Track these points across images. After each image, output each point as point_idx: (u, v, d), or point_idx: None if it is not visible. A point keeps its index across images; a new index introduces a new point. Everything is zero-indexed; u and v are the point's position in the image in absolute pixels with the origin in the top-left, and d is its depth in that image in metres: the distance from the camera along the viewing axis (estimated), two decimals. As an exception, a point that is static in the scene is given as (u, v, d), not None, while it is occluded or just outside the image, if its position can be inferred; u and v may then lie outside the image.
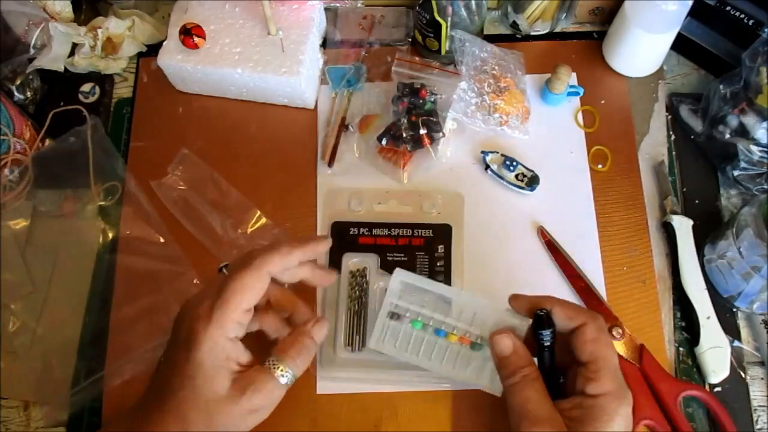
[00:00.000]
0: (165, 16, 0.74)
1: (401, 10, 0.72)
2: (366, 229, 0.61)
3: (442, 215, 0.62)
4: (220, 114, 0.68)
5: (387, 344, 0.51)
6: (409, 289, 0.51)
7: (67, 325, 0.60)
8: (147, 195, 0.64)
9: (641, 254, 0.60)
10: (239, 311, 0.44)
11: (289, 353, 0.46)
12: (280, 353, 0.46)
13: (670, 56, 0.68)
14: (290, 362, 0.46)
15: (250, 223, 0.63)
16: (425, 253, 0.60)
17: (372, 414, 0.55)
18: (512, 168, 0.63)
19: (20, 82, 0.69)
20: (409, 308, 0.51)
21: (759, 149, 0.58)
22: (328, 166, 0.65)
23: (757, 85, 0.57)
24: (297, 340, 0.47)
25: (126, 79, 0.72)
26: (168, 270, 0.61)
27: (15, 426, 0.57)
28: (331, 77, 0.69)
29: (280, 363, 0.45)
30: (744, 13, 0.61)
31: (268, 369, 0.45)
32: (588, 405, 0.43)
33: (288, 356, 0.46)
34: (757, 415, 0.55)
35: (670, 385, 0.54)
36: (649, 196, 0.63)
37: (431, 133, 0.63)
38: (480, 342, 0.49)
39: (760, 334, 0.57)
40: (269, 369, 0.45)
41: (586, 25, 0.72)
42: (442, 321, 0.50)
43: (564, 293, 0.59)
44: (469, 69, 0.64)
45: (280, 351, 0.46)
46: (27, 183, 0.65)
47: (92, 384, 0.57)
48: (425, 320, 0.51)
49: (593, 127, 0.66)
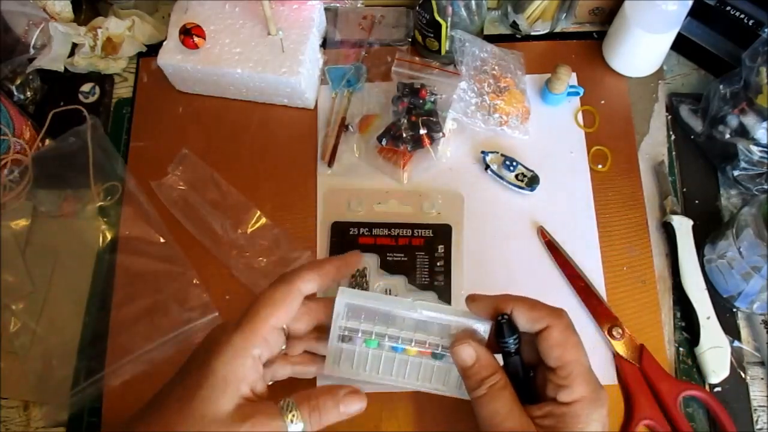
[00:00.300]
0: (165, 16, 0.74)
1: (401, 10, 0.72)
2: (366, 229, 0.61)
3: (442, 215, 0.62)
4: (220, 114, 0.68)
5: (343, 367, 0.48)
6: (359, 308, 0.47)
7: (67, 325, 0.60)
8: (147, 195, 0.64)
9: (641, 254, 0.60)
10: (268, 326, 0.41)
11: (309, 405, 0.41)
12: (300, 400, 0.41)
13: (670, 56, 0.68)
14: (306, 414, 0.41)
15: (250, 223, 0.63)
16: (425, 253, 0.60)
17: (372, 414, 0.55)
18: (512, 168, 0.63)
19: (20, 82, 0.69)
20: (360, 328, 0.47)
21: (759, 149, 0.58)
22: (328, 166, 0.65)
23: (757, 85, 0.57)
24: (323, 398, 0.42)
25: (126, 79, 0.72)
26: (168, 270, 0.61)
27: (15, 426, 0.57)
28: (331, 77, 0.69)
29: (295, 410, 0.40)
30: (744, 13, 0.61)
31: (280, 409, 0.40)
32: (560, 413, 0.41)
33: (306, 407, 0.41)
34: (757, 415, 0.55)
35: (670, 385, 0.54)
36: (649, 196, 0.63)
37: (431, 133, 0.63)
38: (441, 351, 0.47)
39: (760, 334, 0.57)
40: (281, 410, 0.40)
41: (586, 25, 0.72)
42: (397, 336, 0.47)
43: (564, 293, 0.59)
44: (469, 69, 0.64)
45: (301, 398, 0.41)
46: (27, 183, 0.65)
47: (92, 384, 0.57)
48: (379, 338, 0.47)
49: (593, 127, 0.66)
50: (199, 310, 0.59)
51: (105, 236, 0.63)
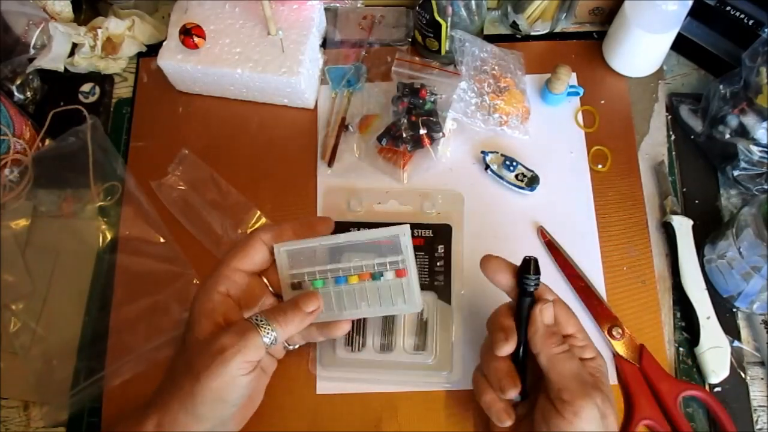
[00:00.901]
0: (165, 16, 0.74)
1: (401, 10, 0.72)
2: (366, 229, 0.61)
3: (442, 215, 0.62)
4: (220, 114, 0.68)
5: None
6: (297, 255, 0.51)
7: (67, 325, 0.60)
8: (147, 195, 0.64)
9: (641, 254, 0.60)
10: (229, 267, 0.49)
11: (276, 314, 0.46)
12: (268, 313, 0.46)
13: (670, 56, 0.68)
14: (276, 323, 0.45)
15: (250, 223, 0.63)
16: (425, 253, 0.60)
17: (372, 414, 0.55)
18: (512, 168, 0.63)
19: (20, 82, 0.69)
20: (305, 271, 0.51)
21: (759, 149, 0.58)
22: (328, 166, 0.65)
23: (757, 85, 0.57)
24: (287, 305, 0.47)
25: (126, 79, 0.72)
26: (168, 270, 0.61)
27: (15, 426, 0.57)
28: (331, 77, 0.69)
29: (266, 321, 0.45)
30: (744, 13, 0.61)
31: (250, 320, 0.45)
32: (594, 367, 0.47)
33: (274, 317, 0.45)
34: (757, 415, 0.55)
35: (670, 385, 0.54)
36: (649, 196, 0.63)
37: (431, 133, 0.63)
38: (377, 270, 0.50)
39: (760, 334, 0.57)
40: (251, 320, 0.45)
41: (586, 25, 0.72)
42: (337, 268, 0.51)
43: (564, 293, 0.59)
44: (469, 69, 0.64)
45: (268, 311, 0.46)
46: (27, 183, 0.65)
47: (92, 384, 0.57)
48: (323, 276, 0.51)
49: (593, 127, 0.66)
50: (199, 310, 0.59)
51: (105, 236, 0.63)
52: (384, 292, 0.51)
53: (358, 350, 0.56)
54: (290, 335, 0.47)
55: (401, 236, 0.49)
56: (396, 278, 0.50)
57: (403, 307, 0.51)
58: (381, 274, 0.50)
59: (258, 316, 0.45)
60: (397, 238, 0.49)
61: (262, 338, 0.44)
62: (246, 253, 0.50)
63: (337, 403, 0.56)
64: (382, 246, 0.50)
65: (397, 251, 0.50)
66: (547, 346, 0.46)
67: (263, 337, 0.44)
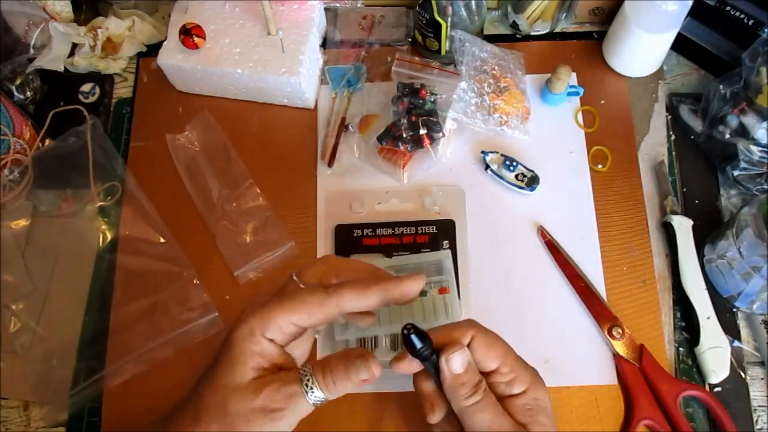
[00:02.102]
0: (165, 16, 0.74)
1: (401, 10, 0.72)
2: (370, 230, 0.61)
3: (444, 211, 0.62)
4: (220, 114, 0.68)
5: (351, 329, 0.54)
6: None
7: (67, 325, 0.60)
8: (147, 195, 0.64)
9: (641, 254, 0.60)
10: (285, 319, 0.42)
11: (323, 371, 0.41)
12: (318, 370, 0.41)
13: (670, 56, 0.68)
14: (324, 387, 0.41)
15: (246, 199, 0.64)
16: (431, 249, 0.60)
17: (372, 414, 0.55)
18: (512, 168, 0.63)
19: (20, 82, 0.69)
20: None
21: (759, 149, 0.58)
22: (328, 166, 0.65)
23: (757, 85, 0.57)
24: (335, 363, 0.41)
25: (126, 79, 0.72)
26: (168, 270, 0.61)
27: (15, 426, 0.57)
28: (331, 77, 0.69)
29: (312, 376, 0.41)
30: (744, 13, 0.61)
31: (299, 378, 0.41)
32: (523, 404, 0.42)
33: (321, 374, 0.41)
34: (757, 415, 0.55)
35: (670, 385, 0.54)
36: (649, 196, 0.63)
37: (431, 133, 0.63)
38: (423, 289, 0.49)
39: (760, 334, 0.57)
40: (300, 378, 0.41)
41: (586, 25, 0.72)
42: None
43: (564, 293, 0.59)
44: (469, 69, 0.64)
45: (319, 367, 0.41)
46: (27, 183, 0.65)
47: (92, 384, 0.57)
48: None
49: (593, 127, 0.66)
50: (199, 310, 0.59)
51: (105, 236, 0.63)
52: (428, 308, 0.54)
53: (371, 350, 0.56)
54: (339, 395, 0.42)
55: (444, 260, 0.56)
56: (439, 294, 0.55)
57: (445, 320, 0.54)
58: (425, 291, 0.54)
59: (307, 376, 0.41)
60: (441, 262, 0.56)
61: (308, 401, 0.41)
62: (314, 316, 0.42)
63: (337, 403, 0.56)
64: (424, 268, 0.56)
65: (441, 272, 0.56)
66: (456, 399, 0.41)
67: (309, 398, 0.41)
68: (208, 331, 0.59)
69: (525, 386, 0.43)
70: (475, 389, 0.41)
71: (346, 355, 0.42)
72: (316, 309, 0.42)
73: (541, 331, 0.58)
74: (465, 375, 0.41)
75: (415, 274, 0.44)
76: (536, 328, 0.58)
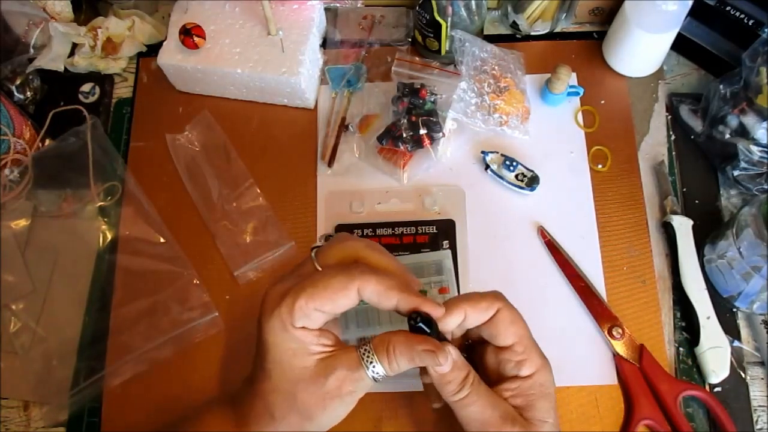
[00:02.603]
0: (165, 16, 0.74)
1: (401, 10, 0.72)
2: (370, 230, 0.61)
3: (444, 211, 0.62)
4: (220, 114, 0.68)
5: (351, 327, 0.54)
6: None
7: (67, 325, 0.60)
8: (147, 195, 0.64)
9: (641, 254, 0.60)
10: (310, 307, 0.41)
11: (389, 351, 0.41)
12: (380, 347, 0.41)
13: (670, 56, 0.68)
14: (384, 363, 0.41)
15: (246, 199, 0.63)
16: (431, 249, 0.60)
17: (372, 414, 0.55)
18: (512, 168, 0.63)
19: (20, 82, 0.69)
20: None
21: (759, 149, 0.58)
22: (328, 166, 0.65)
23: (757, 85, 0.57)
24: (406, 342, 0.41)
25: (126, 79, 0.72)
26: (168, 270, 0.61)
27: (15, 426, 0.57)
28: (331, 77, 0.69)
29: (374, 356, 0.41)
30: (744, 13, 0.61)
31: (359, 358, 0.41)
32: (527, 386, 0.43)
33: (384, 354, 0.41)
34: (757, 415, 0.55)
35: (670, 385, 0.54)
36: (649, 196, 0.63)
37: (431, 133, 0.63)
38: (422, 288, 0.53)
39: (760, 334, 0.57)
40: (360, 358, 0.41)
41: (586, 25, 0.72)
42: None
43: (564, 293, 0.59)
44: (469, 69, 0.64)
45: (380, 343, 0.41)
46: (27, 183, 0.65)
47: (92, 384, 0.57)
48: None
49: (593, 127, 0.66)
50: (199, 310, 0.59)
51: (105, 236, 0.63)
52: None
53: None
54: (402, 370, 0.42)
55: (444, 260, 0.57)
56: (439, 294, 0.55)
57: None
58: (425, 291, 0.54)
59: (367, 351, 0.41)
60: (441, 262, 0.56)
61: (366, 370, 0.41)
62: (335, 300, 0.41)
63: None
64: (424, 268, 0.56)
65: (441, 272, 0.56)
66: (444, 394, 0.42)
67: (368, 369, 0.41)
68: (208, 331, 0.59)
69: (533, 370, 0.43)
70: (461, 385, 0.42)
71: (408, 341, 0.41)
72: (340, 295, 0.41)
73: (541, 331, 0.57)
74: (451, 374, 0.42)
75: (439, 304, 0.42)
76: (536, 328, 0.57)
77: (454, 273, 0.57)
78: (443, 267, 0.57)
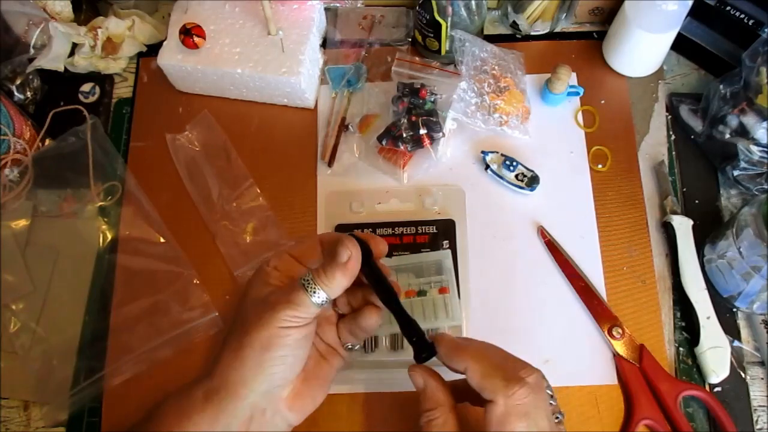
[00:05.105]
0: (165, 16, 0.74)
1: (401, 10, 0.72)
2: (370, 230, 0.61)
3: (444, 211, 0.62)
4: (220, 114, 0.68)
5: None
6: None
7: (67, 325, 0.60)
8: (147, 195, 0.64)
9: (641, 254, 0.60)
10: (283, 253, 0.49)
11: (319, 272, 0.44)
12: (314, 272, 0.45)
13: (670, 56, 0.68)
14: (320, 282, 0.44)
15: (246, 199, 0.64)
16: (431, 249, 0.60)
17: (372, 414, 0.55)
18: (512, 168, 0.63)
19: (20, 82, 0.69)
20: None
21: (759, 149, 0.58)
22: (328, 166, 0.65)
23: (757, 85, 0.57)
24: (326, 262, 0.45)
25: (126, 79, 0.72)
26: (168, 270, 0.61)
27: (15, 426, 0.57)
28: (331, 77, 0.69)
29: (313, 281, 0.44)
30: (744, 13, 0.61)
31: (299, 281, 0.44)
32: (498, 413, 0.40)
33: (318, 275, 0.44)
34: (757, 415, 0.55)
35: (670, 385, 0.54)
36: (649, 196, 0.63)
37: (431, 133, 0.63)
38: (422, 288, 0.56)
39: (760, 334, 0.57)
40: (300, 282, 0.44)
41: (586, 25, 0.72)
42: None
43: (564, 293, 0.59)
44: (469, 69, 0.64)
45: (314, 271, 0.45)
46: (27, 183, 0.65)
47: (92, 384, 0.57)
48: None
49: (593, 127, 0.66)
50: (199, 310, 0.59)
51: (105, 236, 0.63)
52: (428, 307, 0.55)
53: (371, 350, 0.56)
54: (338, 293, 0.45)
55: (444, 260, 0.57)
56: (439, 294, 0.56)
57: (445, 320, 0.55)
58: (425, 291, 0.56)
59: (306, 277, 0.45)
60: (441, 262, 0.57)
61: (310, 297, 0.44)
62: (301, 247, 0.50)
63: (337, 403, 0.56)
64: (424, 268, 0.57)
65: (440, 272, 0.57)
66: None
67: (311, 296, 0.44)
68: (208, 331, 0.59)
69: (493, 395, 0.41)
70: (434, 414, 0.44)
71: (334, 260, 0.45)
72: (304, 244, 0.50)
73: (541, 331, 0.58)
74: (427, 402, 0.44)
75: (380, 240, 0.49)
76: (536, 328, 0.58)
77: (454, 273, 0.57)
78: (443, 267, 0.57)
